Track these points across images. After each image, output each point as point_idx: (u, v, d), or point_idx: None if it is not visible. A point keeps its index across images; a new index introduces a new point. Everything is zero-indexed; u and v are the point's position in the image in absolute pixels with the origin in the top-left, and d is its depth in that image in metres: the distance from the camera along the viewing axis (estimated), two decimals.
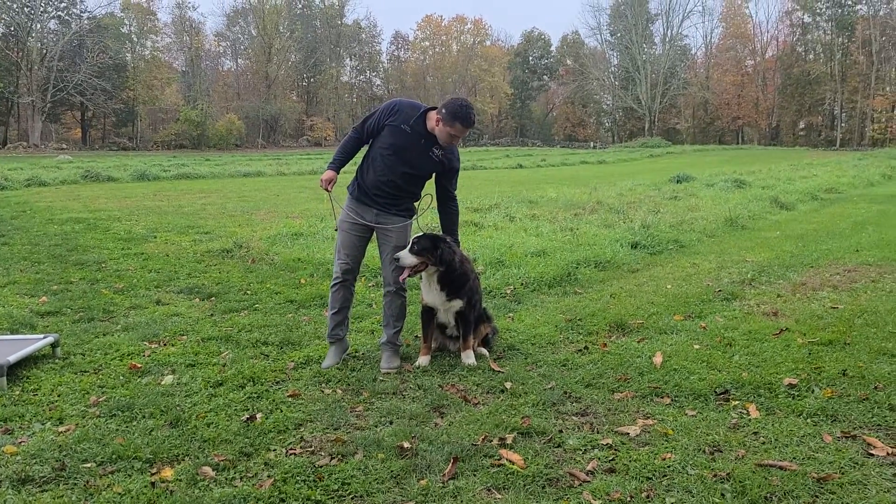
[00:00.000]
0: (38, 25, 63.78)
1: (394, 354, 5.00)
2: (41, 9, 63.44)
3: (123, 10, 70.28)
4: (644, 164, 40.04)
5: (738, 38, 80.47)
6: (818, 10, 73.44)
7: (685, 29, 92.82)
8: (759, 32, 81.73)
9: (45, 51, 62.74)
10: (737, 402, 4.14)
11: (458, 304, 5.02)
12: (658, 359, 4.91)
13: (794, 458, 3.42)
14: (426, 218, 12.14)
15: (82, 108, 67.47)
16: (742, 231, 11.74)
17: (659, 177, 24.00)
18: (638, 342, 5.41)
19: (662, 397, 4.27)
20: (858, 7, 71.38)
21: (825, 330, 5.52)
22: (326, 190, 4.93)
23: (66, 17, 67.33)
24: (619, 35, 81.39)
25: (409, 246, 4.83)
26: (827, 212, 14.89)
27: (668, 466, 3.36)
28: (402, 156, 4.80)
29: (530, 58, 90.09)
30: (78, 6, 67.49)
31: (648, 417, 3.96)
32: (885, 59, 70.11)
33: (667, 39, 79.57)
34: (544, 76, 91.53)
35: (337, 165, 4.96)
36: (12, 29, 62.59)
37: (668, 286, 7.40)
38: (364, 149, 5.07)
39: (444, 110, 4.64)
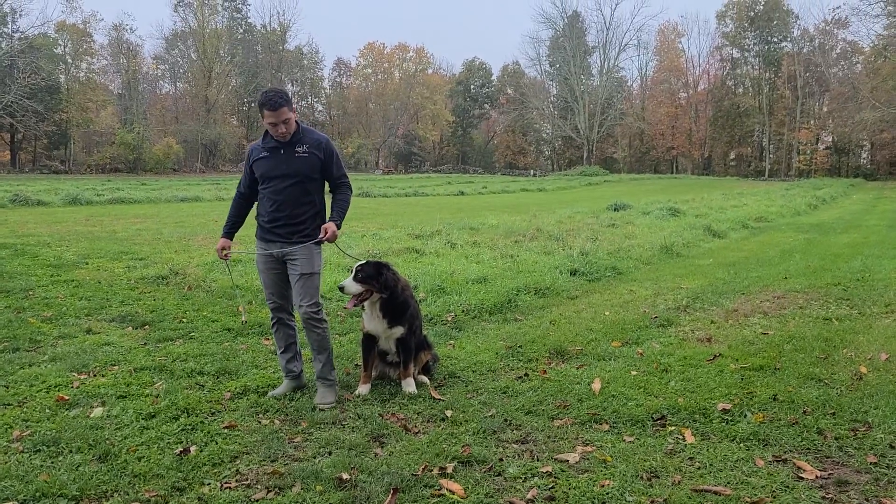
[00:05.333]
0: None
1: (327, 389, 4.84)
2: None
3: (58, 30, 68.50)
4: (582, 192, 40.85)
5: (671, 72, 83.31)
6: (746, 46, 76.64)
7: (621, 61, 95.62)
8: (691, 66, 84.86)
9: None
10: (673, 428, 4.21)
11: (399, 330, 5.00)
12: (597, 385, 4.97)
13: (728, 482, 3.50)
14: (366, 243, 12.04)
15: (12, 129, 65.16)
16: (677, 258, 12.06)
17: (597, 205, 24.51)
18: (577, 369, 5.47)
19: (601, 424, 4.32)
20: (784, 44, 74.85)
21: (756, 356, 5.69)
22: (223, 258, 5.01)
23: None
24: (557, 66, 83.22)
25: (353, 274, 4.80)
26: (757, 240, 15.43)
27: (607, 493, 3.39)
28: (274, 174, 4.78)
29: (472, 86, 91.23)
30: (9, 26, 65.51)
31: (587, 444, 4.00)
32: (809, 94, 73.55)
33: (604, 71, 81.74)
34: (485, 105, 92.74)
35: (227, 230, 5.07)
36: None
37: (606, 313, 7.53)
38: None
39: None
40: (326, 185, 5.01)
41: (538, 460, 3.80)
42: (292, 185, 4.76)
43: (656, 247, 12.52)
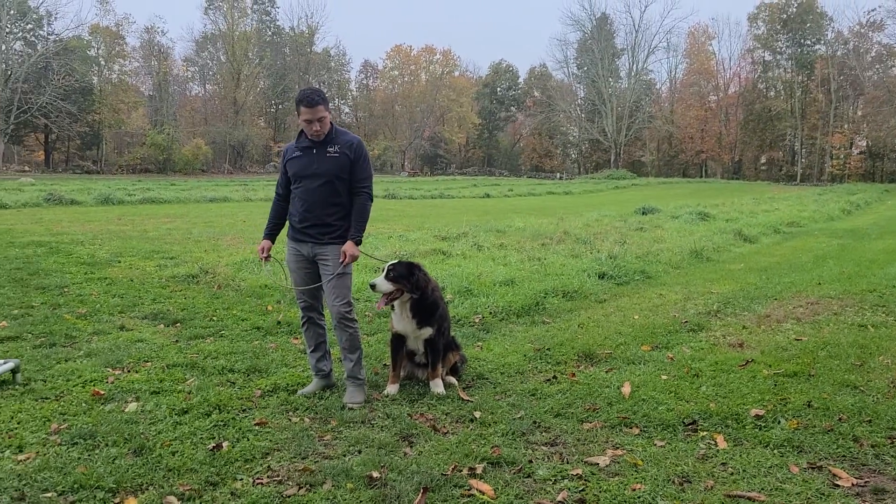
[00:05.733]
0: (3, 46, 62.92)
1: (356, 389, 4.87)
2: (6, 30, 62.65)
3: (91, 33, 69.70)
4: (610, 196, 40.60)
5: (701, 74, 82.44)
6: (778, 49, 75.67)
7: (650, 64, 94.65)
8: (721, 69, 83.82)
9: (9, 72, 61.80)
10: (705, 433, 4.17)
11: (428, 331, 5.01)
12: (626, 389, 4.94)
13: (763, 489, 3.45)
14: (393, 244, 12.06)
15: (46, 130, 66.43)
16: (707, 263, 11.93)
17: (625, 208, 24.35)
18: (606, 372, 5.44)
19: (631, 427, 4.29)
20: (817, 47, 73.79)
21: (790, 362, 5.61)
22: (264, 259, 5.05)
23: (32, 39, 66.59)
24: (585, 69, 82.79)
25: (385, 273, 4.83)
26: (789, 245, 15.21)
27: (638, 497, 3.37)
28: (305, 174, 4.82)
29: (498, 89, 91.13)
30: (45, 28, 66.83)
31: (618, 448, 3.98)
32: (842, 98, 72.37)
33: (632, 74, 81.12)
34: (512, 107, 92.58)
35: (268, 231, 5.10)
36: None
37: (636, 316, 7.48)
38: None
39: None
40: None
41: (568, 463, 3.79)
42: (322, 185, 4.78)
43: (686, 251, 12.40)
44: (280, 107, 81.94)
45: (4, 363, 4.91)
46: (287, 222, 5.07)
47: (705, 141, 79.31)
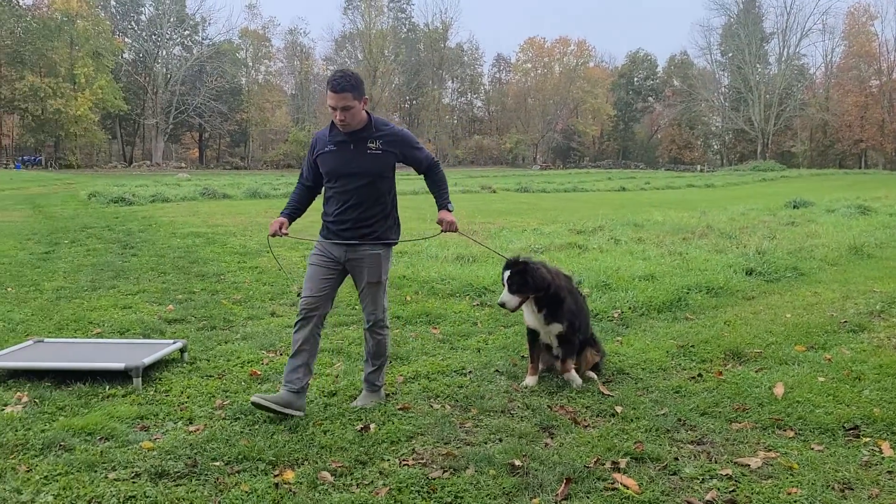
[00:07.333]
0: (164, 52, 68.29)
1: (369, 393, 4.53)
2: (167, 36, 67.95)
3: (241, 36, 74.17)
4: (756, 189, 38.51)
5: (861, 57, 76.44)
6: None
7: (803, 48, 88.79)
8: (885, 51, 77.34)
9: (169, 76, 67.17)
10: (868, 439, 3.90)
11: (557, 327, 4.92)
12: (779, 390, 4.69)
13: None
14: (527, 238, 12.00)
15: (200, 129, 71.53)
16: (868, 260, 11.06)
17: (773, 202, 23.01)
18: (756, 372, 5.19)
19: (785, 430, 4.08)
20: None
21: None
22: (272, 235, 4.60)
23: (189, 44, 71.91)
24: (730, 55, 79.02)
25: (507, 286, 4.76)
26: None
27: (795, 501, 3.21)
28: (342, 172, 4.32)
29: (635, 79, 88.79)
30: (200, 33, 71.85)
31: (770, 450, 3.79)
32: None
33: (783, 59, 76.60)
34: (649, 97, 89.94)
35: (286, 212, 4.63)
36: (141, 55, 67.44)
37: (788, 315, 7.07)
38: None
39: None
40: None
41: (716, 462, 3.65)
42: (364, 185, 4.30)
43: (844, 247, 11.55)
44: (414, 102, 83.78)
45: (174, 343, 5.37)
46: (322, 221, 4.58)
47: (865, 129, 73.50)
